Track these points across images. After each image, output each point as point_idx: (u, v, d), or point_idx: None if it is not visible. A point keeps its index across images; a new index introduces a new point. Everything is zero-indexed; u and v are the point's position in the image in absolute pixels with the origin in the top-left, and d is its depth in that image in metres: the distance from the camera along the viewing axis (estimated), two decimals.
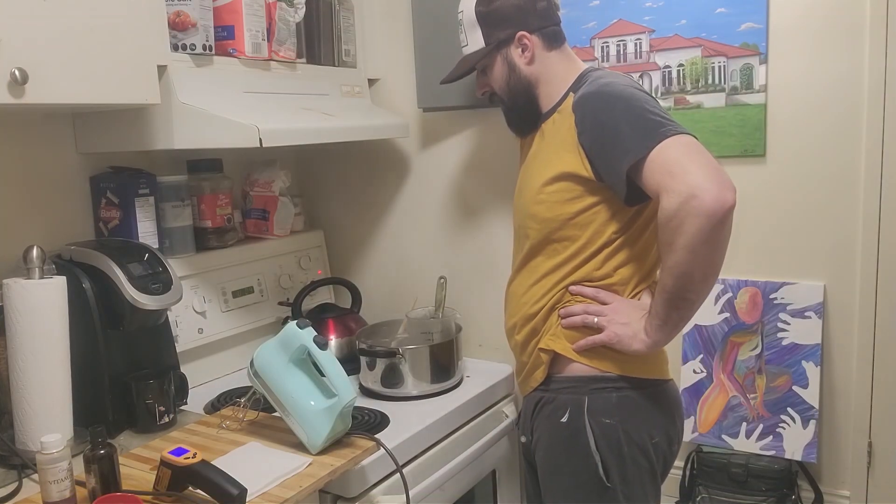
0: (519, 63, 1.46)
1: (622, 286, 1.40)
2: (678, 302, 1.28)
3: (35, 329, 1.32)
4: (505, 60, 1.47)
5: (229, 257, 1.94)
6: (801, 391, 1.68)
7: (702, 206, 1.17)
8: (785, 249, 1.69)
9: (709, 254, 1.23)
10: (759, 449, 1.71)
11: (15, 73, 1.18)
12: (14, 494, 1.27)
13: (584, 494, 1.39)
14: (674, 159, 1.22)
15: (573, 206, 1.37)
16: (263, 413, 1.52)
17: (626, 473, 1.37)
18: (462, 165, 2.02)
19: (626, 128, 1.27)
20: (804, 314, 1.67)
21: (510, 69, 1.46)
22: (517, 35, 1.44)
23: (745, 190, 1.71)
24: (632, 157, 1.25)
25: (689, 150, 1.23)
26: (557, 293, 1.42)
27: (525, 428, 1.52)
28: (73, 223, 1.71)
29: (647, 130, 1.25)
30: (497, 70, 1.48)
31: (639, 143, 1.25)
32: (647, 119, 1.27)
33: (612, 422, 1.36)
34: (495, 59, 1.48)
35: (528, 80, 1.46)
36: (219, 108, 1.54)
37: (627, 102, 1.31)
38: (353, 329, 1.98)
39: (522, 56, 1.45)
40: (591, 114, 1.34)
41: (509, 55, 1.46)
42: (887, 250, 1.59)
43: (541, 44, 1.45)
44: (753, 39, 1.65)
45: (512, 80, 1.47)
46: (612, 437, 1.36)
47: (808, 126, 1.63)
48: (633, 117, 1.28)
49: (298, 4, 1.79)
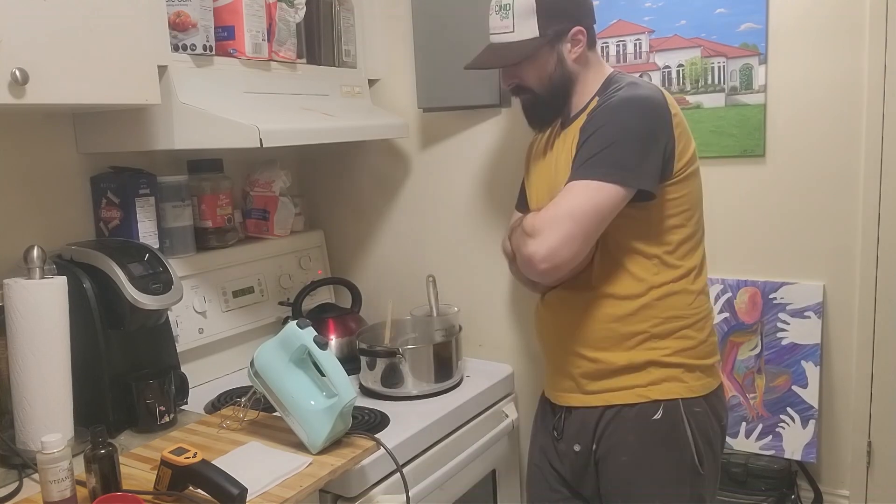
0: (567, 58, 1.44)
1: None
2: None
3: (36, 329, 1.32)
4: (556, 54, 1.44)
5: (230, 257, 1.95)
6: (801, 391, 1.68)
7: (534, 267, 1.35)
8: (784, 249, 1.69)
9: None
10: (758, 448, 1.71)
11: (15, 73, 1.19)
12: (14, 494, 1.27)
13: (677, 486, 1.42)
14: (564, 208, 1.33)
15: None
16: (264, 413, 1.52)
17: (712, 457, 1.44)
18: (462, 165, 2.03)
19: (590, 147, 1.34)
20: (804, 314, 1.67)
21: (558, 63, 1.44)
22: (574, 29, 1.42)
23: (744, 190, 1.72)
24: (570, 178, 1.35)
25: (577, 208, 1.32)
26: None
27: (580, 436, 1.49)
28: (74, 223, 1.71)
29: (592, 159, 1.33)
30: (542, 62, 1.44)
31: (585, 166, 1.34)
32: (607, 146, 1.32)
33: (703, 409, 1.41)
34: (545, 51, 1.44)
35: (570, 77, 1.45)
36: (219, 108, 1.54)
37: (622, 117, 1.34)
38: (353, 329, 1.99)
39: (572, 51, 1.43)
40: (591, 121, 1.37)
41: (560, 49, 1.43)
42: (887, 250, 1.59)
43: (587, 41, 1.45)
44: (753, 40, 1.65)
45: (556, 74, 1.45)
46: (704, 424, 1.41)
47: (808, 126, 1.63)
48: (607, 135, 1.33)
49: (299, 5, 1.79)
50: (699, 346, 1.43)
